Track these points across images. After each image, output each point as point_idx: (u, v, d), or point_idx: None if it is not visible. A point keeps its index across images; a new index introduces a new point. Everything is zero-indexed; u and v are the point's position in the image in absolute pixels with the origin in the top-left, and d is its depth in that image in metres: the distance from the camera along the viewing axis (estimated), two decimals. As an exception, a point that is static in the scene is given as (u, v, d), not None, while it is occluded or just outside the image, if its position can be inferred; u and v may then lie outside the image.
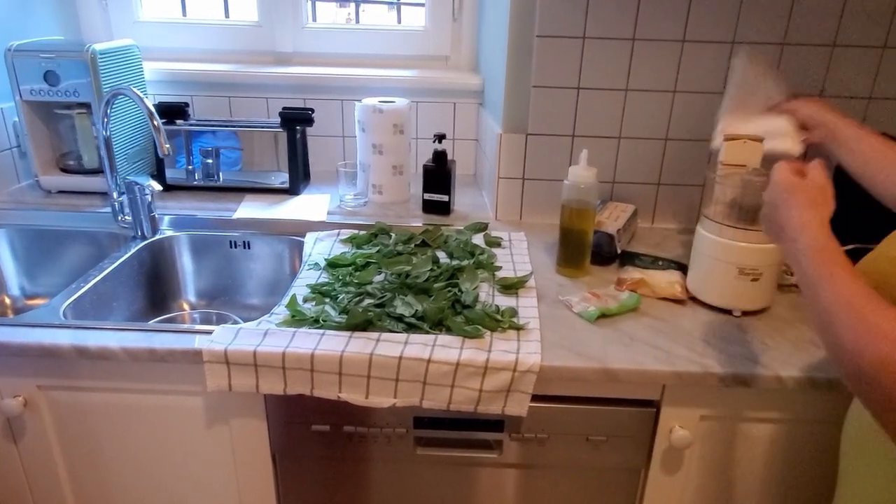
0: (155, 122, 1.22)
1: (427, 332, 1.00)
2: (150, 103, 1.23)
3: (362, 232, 1.39)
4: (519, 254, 1.32)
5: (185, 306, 1.47)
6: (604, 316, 1.07)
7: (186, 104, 1.61)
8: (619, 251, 1.27)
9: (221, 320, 1.40)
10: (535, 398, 0.95)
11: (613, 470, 1.05)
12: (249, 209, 1.50)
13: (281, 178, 1.61)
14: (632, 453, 1.03)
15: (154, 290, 1.41)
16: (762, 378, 0.93)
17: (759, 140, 1.10)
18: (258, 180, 1.63)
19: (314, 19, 1.84)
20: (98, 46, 1.42)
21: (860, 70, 1.34)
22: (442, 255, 1.29)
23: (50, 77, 1.42)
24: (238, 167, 1.72)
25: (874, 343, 0.58)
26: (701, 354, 0.97)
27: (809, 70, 1.34)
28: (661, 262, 1.24)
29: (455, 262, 1.23)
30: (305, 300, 1.12)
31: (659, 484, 1.05)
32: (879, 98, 1.36)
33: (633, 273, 1.18)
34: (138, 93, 1.24)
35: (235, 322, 1.37)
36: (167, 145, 1.23)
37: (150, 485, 1.10)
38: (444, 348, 0.96)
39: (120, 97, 1.34)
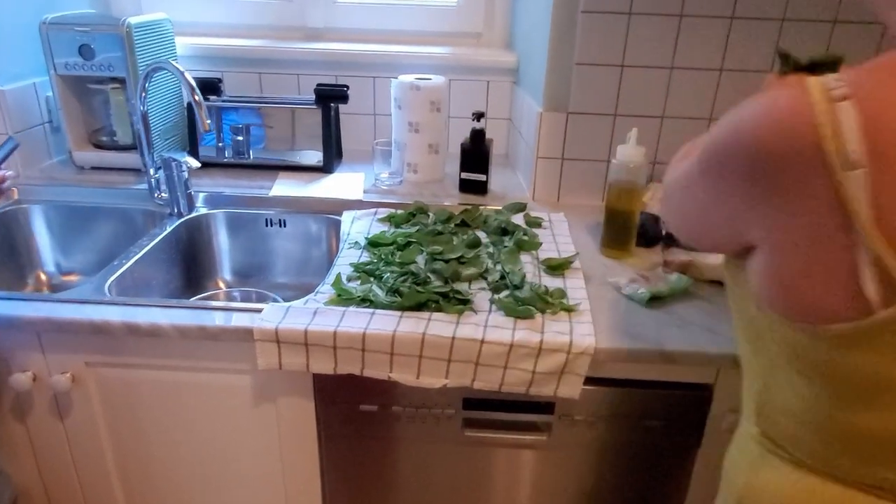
0: (196, 97, 1.20)
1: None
2: (191, 78, 1.22)
3: (400, 211, 1.37)
4: (561, 234, 1.30)
5: (221, 284, 1.46)
6: (654, 298, 1.05)
7: (219, 80, 1.59)
8: (663, 232, 1.26)
9: (261, 299, 1.39)
10: (585, 381, 0.94)
11: (664, 454, 1.05)
12: (284, 187, 1.48)
13: (308, 156, 1.59)
14: (683, 437, 1.02)
15: (190, 268, 1.40)
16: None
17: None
18: (288, 155, 1.61)
19: (344, -6, 1.81)
20: (133, 20, 1.40)
21: None
22: (482, 235, 1.27)
23: (85, 51, 1.40)
24: (262, 145, 1.70)
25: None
26: (757, 338, 0.96)
27: (864, 47, 1.31)
28: (706, 245, 1.22)
29: (492, 248, 1.21)
30: (349, 279, 1.11)
31: (710, 469, 1.04)
32: None
33: (679, 255, 1.16)
34: (179, 67, 1.22)
35: (276, 301, 1.37)
36: (208, 121, 1.22)
37: (195, 462, 1.10)
38: (498, 329, 0.95)
39: (159, 71, 1.32)
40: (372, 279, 1.10)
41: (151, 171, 1.37)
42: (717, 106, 1.37)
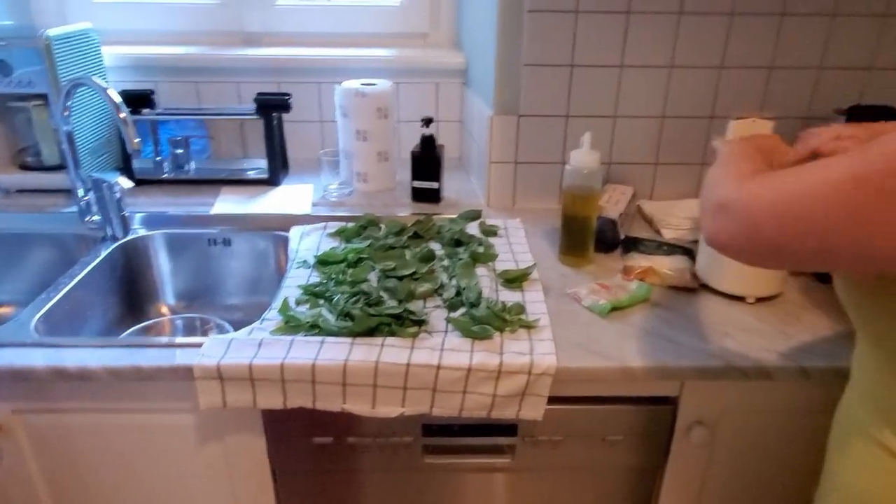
0: (122, 115, 1.12)
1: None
2: (115, 94, 1.13)
3: (351, 224, 1.31)
4: (517, 243, 1.26)
5: (165, 310, 1.38)
6: (615, 309, 1.02)
7: (152, 91, 1.50)
8: (622, 237, 1.23)
9: (205, 324, 1.32)
10: (548, 400, 0.90)
11: (629, 470, 1.02)
12: (227, 203, 1.41)
13: (254, 166, 1.52)
14: (648, 452, 0.99)
15: (130, 294, 1.32)
16: (786, 370, 0.90)
17: (768, 118, 1.06)
18: (231, 168, 1.53)
19: (283, -4, 1.73)
20: (53, 32, 1.30)
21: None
22: (437, 247, 1.23)
23: (1, 66, 1.31)
24: (206, 155, 1.63)
25: (722, 186, 0.64)
26: (720, 347, 0.93)
27: (808, 41, 1.30)
28: (665, 248, 1.20)
29: (447, 261, 1.17)
30: (298, 303, 1.05)
31: (676, 483, 1.01)
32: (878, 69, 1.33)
33: (639, 260, 1.14)
34: (101, 83, 1.14)
35: (221, 327, 1.30)
36: (137, 139, 1.14)
37: (141, 507, 1.03)
38: (454, 352, 0.90)
39: (80, 87, 1.23)
40: (322, 301, 1.05)
41: (81, 193, 1.29)
42: (668, 103, 1.34)
